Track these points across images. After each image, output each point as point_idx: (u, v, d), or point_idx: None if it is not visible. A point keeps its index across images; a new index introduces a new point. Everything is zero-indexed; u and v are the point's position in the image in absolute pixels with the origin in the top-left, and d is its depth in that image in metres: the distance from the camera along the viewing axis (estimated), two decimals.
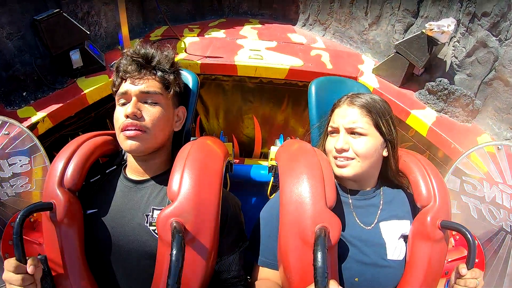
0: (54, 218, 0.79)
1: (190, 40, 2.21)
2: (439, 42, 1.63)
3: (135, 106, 0.83)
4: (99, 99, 1.68)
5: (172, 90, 0.90)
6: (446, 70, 1.73)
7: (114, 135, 1.01)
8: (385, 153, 0.94)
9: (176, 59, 0.95)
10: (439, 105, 1.66)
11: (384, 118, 0.91)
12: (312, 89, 1.19)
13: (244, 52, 2.08)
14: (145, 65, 0.87)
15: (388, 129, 0.91)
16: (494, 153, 1.09)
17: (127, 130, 0.82)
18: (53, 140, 1.56)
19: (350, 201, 0.94)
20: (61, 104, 1.50)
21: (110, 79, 1.63)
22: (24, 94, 1.52)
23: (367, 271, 0.85)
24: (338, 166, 0.91)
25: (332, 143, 0.94)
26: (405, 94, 1.79)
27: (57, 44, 1.63)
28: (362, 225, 0.90)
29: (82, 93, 1.60)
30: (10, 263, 0.70)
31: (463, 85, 1.64)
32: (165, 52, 0.92)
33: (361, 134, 0.89)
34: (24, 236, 0.73)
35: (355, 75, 1.94)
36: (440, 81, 1.65)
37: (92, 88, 1.64)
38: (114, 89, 0.90)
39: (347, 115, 0.92)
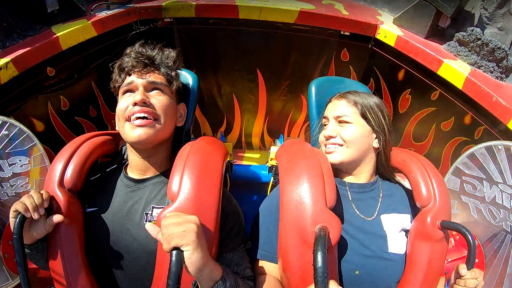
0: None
1: None
2: None
3: (144, 94, 0.84)
4: (75, 45, 1.43)
5: (175, 85, 0.92)
6: (475, 24, 1.53)
7: (113, 135, 1.01)
8: (375, 144, 0.97)
9: (166, 2, 0.92)
10: (472, 58, 1.45)
11: (372, 110, 0.96)
12: (312, 89, 1.19)
13: None
14: (149, 63, 0.89)
15: (376, 120, 0.96)
16: (494, 153, 1.09)
17: (137, 119, 0.82)
18: (30, 103, 1.38)
19: (349, 193, 0.95)
20: (28, 48, 1.27)
21: (89, 22, 1.44)
22: None
23: (368, 264, 0.85)
24: (327, 153, 0.96)
25: (323, 133, 1.00)
26: (432, 45, 1.57)
27: None
28: (362, 216, 0.91)
29: (54, 36, 1.35)
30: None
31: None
32: (166, 51, 0.94)
33: (347, 122, 0.96)
34: (24, 236, 0.73)
35: (374, 22, 1.72)
36: (472, 30, 1.44)
37: (66, 30, 1.38)
38: (117, 85, 0.91)
39: (336, 107, 1.00)
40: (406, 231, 0.90)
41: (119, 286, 0.86)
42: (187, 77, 1.09)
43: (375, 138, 0.97)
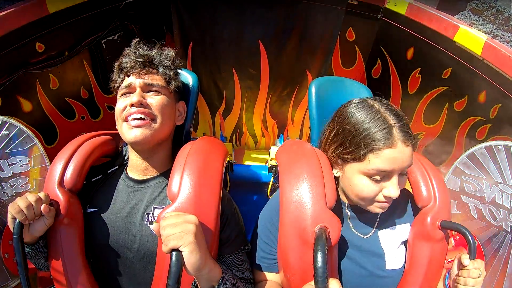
0: (55, 218, 0.79)
1: None
2: None
3: (140, 95, 0.84)
4: (64, 9, 1.30)
5: (173, 84, 0.93)
6: None
7: (113, 135, 1.01)
8: None
9: None
10: (487, 27, 1.37)
11: None
12: (312, 89, 1.19)
13: None
14: (147, 64, 0.89)
15: None
16: (494, 153, 1.09)
17: (134, 119, 0.83)
18: (16, 80, 1.27)
19: (348, 213, 0.90)
20: (12, 9, 1.14)
21: None
22: None
23: (364, 283, 0.84)
24: (378, 207, 0.80)
25: (375, 189, 0.77)
26: (445, 14, 1.44)
27: None
28: (359, 234, 0.88)
29: None
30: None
31: None
32: (165, 51, 0.95)
33: (404, 174, 0.80)
34: (24, 235, 0.73)
35: None
36: None
37: None
38: (116, 85, 0.91)
39: (403, 158, 0.75)
40: (405, 243, 0.89)
41: (119, 286, 0.86)
42: (187, 77, 1.09)
43: None
